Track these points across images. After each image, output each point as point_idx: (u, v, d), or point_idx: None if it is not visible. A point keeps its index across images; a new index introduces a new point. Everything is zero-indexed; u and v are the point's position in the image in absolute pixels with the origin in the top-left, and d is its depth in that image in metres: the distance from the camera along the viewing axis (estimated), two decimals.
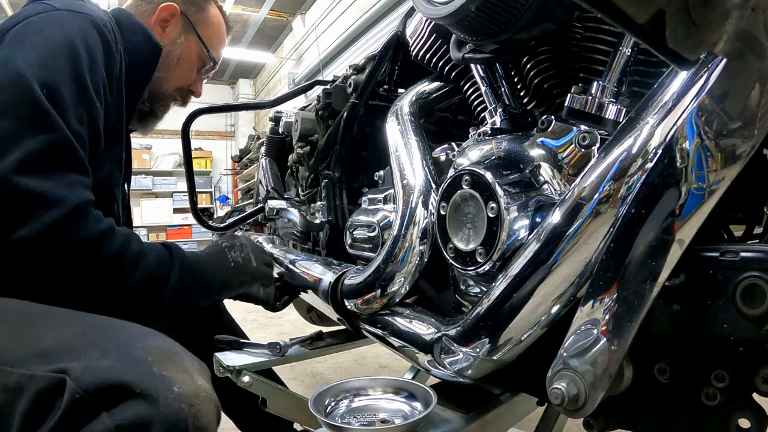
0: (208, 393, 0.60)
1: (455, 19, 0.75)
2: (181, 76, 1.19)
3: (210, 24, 1.22)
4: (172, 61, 1.16)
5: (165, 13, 1.14)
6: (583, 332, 0.59)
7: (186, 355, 0.62)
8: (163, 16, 1.14)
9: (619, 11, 0.47)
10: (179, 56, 1.17)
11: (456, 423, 0.90)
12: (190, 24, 1.17)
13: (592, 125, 0.72)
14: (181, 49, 1.17)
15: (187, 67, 1.19)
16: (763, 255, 0.52)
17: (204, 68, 1.24)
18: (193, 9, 1.19)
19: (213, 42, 1.22)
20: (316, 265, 1.24)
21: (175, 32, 1.16)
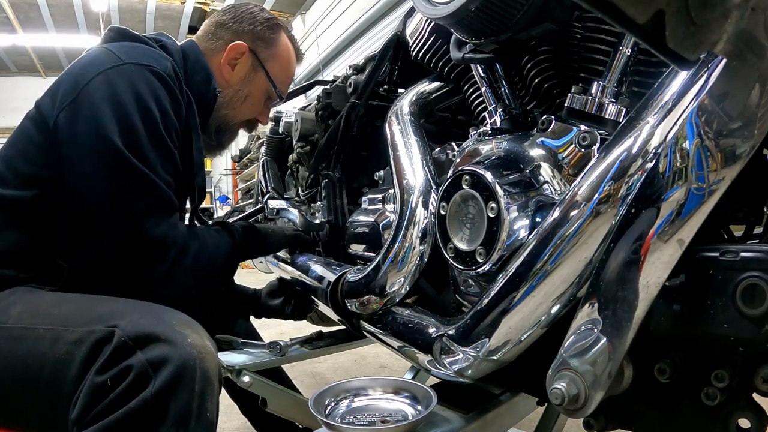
0: (213, 352, 0.79)
1: (455, 19, 0.75)
2: (248, 111, 1.23)
3: (279, 58, 1.23)
4: (239, 99, 1.20)
5: (234, 53, 1.17)
6: (583, 332, 0.59)
7: (200, 327, 0.82)
8: (232, 56, 1.17)
9: (619, 11, 0.47)
10: (247, 94, 1.20)
11: (456, 423, 0.90)
12: (258, 62, 1.19)
13: (592, 125, 0.72)
14: (250, 87, 1.20)
15: (255, 103, 1.23)
16: (763, 255, 0.52)
17: (271, 101, 1.26)
18: (262, 45, 1.20)
19: (282, 77, 1.24)
20: (315, 266, 1.24)
21: (244, 70, 1.18)
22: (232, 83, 1.18)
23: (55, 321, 0.80)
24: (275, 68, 1.22)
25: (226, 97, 1.18)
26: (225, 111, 1.19)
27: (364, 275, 0.99)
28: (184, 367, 0.73)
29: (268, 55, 1.20)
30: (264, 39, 1.20)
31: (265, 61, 1.20)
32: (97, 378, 0.72)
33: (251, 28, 1.19)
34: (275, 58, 1.21)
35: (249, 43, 1.17)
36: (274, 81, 1.21)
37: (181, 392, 0.72)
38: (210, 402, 0.76)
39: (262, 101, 1.24)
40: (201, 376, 0.74)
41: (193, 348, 0.75)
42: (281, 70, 1.24)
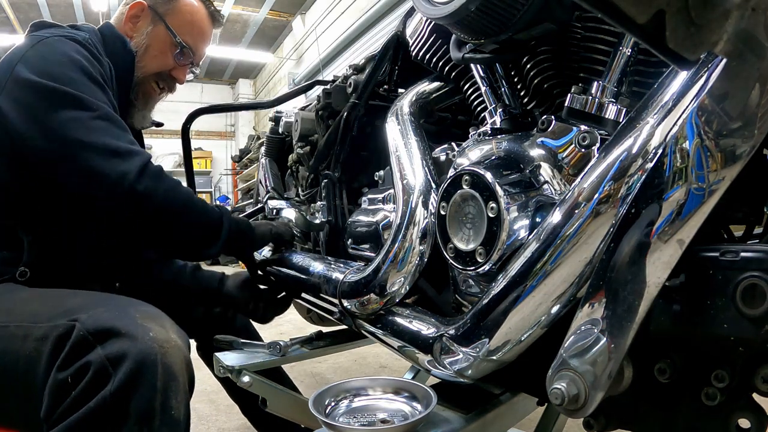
0: (179, 345, 0.77)
1: (455, 19, 0.75)
2: (150, 61, 1.26)
3: (179, 12, 1.28)
4: (142, 50, 1.25)
5: (133, 11, 1.25)
6: (583, 332, 0.59)
7: (167, 320, 0.81)
8: (133, 13, 1.25)
9: (619, 11, 0.47)
10: (148, 44, 1.25)
11: (456, 423, 0.90)
12: (157, 15, 1.25)
13: (592, 125, 0.72)
14: (148, 37, 1.25)
15: (156, 54, 1.26)
16: (763, 255, 0.52)
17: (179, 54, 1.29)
18: (160, 2, 1.26)
19: (184, 28, 1.28)
20: (315, 265, 1.24)
21: (144, 25, 1.25)
22: (133, 38, 1.25)
23: (25, 318, 0.80)
24: (176, 20, 1.27)
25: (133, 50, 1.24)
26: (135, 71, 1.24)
27: (364, 275, 0.99)
28: (143, 363, 0.71)
29: (168, 9, 1.27)
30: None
31: (164, 15, 1.26)
32: (58, 375, 0.71)
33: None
34: (175, 12, 1.27)
35: (148, 1, 1.25)
36: (174, 30, 1.26)
37: (142, 389, 0.70)
38: (175, 399, 0.73)
39: (166, 53, 1.27)
40: (163, 371, 0.72)
41: (154, 342, 0.73)
42: (183, 22, 1.28)
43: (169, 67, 1.29)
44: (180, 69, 1.31)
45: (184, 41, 1.28)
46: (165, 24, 1.25)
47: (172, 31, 1.25)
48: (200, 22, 1.32)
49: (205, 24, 1.33)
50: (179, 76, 1.32)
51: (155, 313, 0.81)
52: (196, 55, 1.32)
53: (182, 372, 0.75)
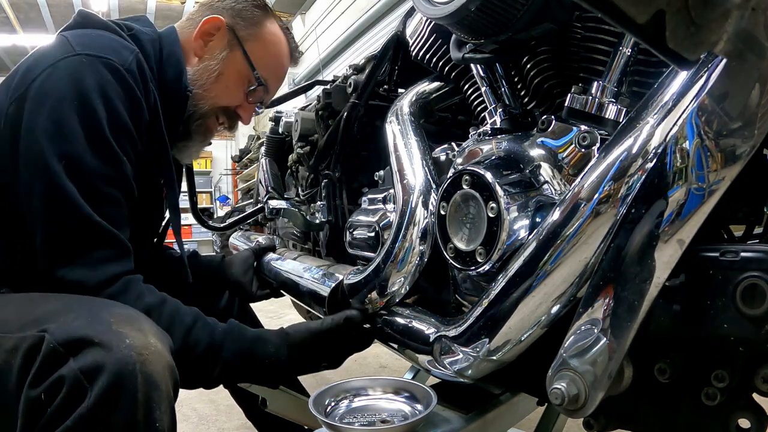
0: (159, 350, 0.71)
1: (455, 19, 0.75)
2: (221, 93, 1.07)
3: (262, 41, 1.09)
4: (210, 76, 1.05)
5: (208, 26, 1.05)
6: (583, 332, 0.59)
7: (147, 322, 0.75)
8: (206, 29, 1.05)
9: (619, 11, 0.47)
10: (219, 71, 1.05)
11: (456, 423, 0.90)
12: (236, 38, 1.06)
13: (592, 125, 0.72)
14: (222, 63, 1.05)
15: (229, 85, 1.07)
16: (763, 255, 0.52)
17: (252, 90, 1.10)
18: (242, 23, 1.07)
19: (264, 61, 1.09)
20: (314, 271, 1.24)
21: (219, 46, 1.06)
22: (203, 60, 1.05)
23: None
24: (257, 50, 1.08)
25: (195, 75, 1.04)
26: (194, 90, 1.04)
27: (364, 275, 0.99)
28: (121, 374, 0.65)
29: (249, 35, 1.07)
30: (245, 17, 1.07)
31: (244, 41, 1.06)
32: (31, 392, 0.65)
33: (233, 4, 1.08)
34: (257, 40, 1.08)
35: (228, 18, 1.06)
36: (253, 63, 1.07)
37: (122, 403, 0.65)
38: (159, 410, 0.68)
39: (239, 87, 1.09)
40: (143, 381, 0.66)
41: (131, 350, 0.67)
42: (265, 55, 1.09)
43: (237, 103, 1.10)
44: (248, 107, 1.12)
45: (261, 76, 1.09)
46: (244, 51, 1.06)
47: (250, 62, 1.07)
48: (282, 57, 1.14)
49: (285, 60, 1.15)
50: (245, 115, 1.13)
51: (131, 315, 0.74)
52: (268, 95, 1.14)
53: (165, 379, 0.70)
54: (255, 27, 1.08)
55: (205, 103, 1.06)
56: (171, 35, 1.05)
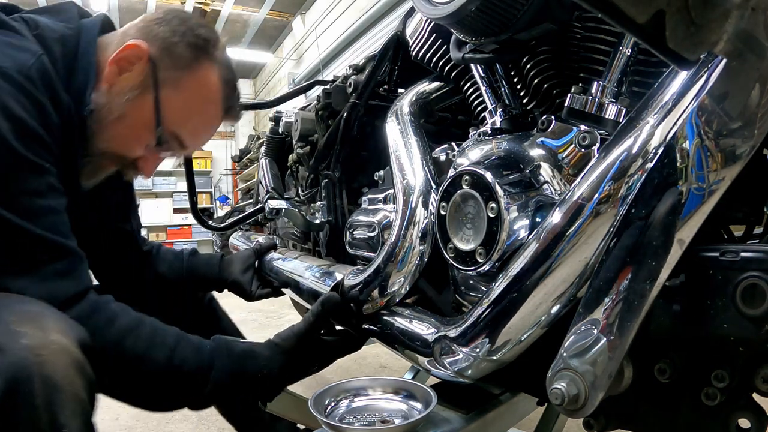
0: (62, 347, 0.63)
1: (455, 19, 0.75)
2: (116, 139, 0.88)
3: (185, 90, 0.88)
4: (107, 116, 0.86)
5: (129, 53, 0.85)
6: (583, 332, 0.59)
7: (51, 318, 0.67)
8: (126, 56, 0.85)
9: (619, 11, 0.47)
10: (122, 114, 0.86)
11: (456, 423, 0.90)
12: (153, 79, 0.86)
13: (592, 125, 0.72)
14: (127, 106, 0.86)
15: (128, 134, 0.88)
16: (763, 255, 0.52)
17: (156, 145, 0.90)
18: (168, 62, 0.87)
19: (180, 115, 0.89)
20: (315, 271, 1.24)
21: (131, 83, 0.86)
22: (111, 90, 0.86)
23: None
24: (174, 101, 0.88)
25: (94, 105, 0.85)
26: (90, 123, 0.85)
27: (365, 275, 0.99)
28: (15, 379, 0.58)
29: (171, 79, 0.87)
30: (174, 55, 0.87)
31: (162, 84, 0.86)
32: None
33: (167, 35, 0.87)
34: (179, 88, 0.88)
35: (154, 50, 0.86)
36: (161, 112, 0.86)
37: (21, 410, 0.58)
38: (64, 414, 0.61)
39: (140, 137, 0.89)
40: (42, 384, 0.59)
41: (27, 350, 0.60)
42: (183, 107, 0.89)
43: (135, 155, 0.91)
44: (150, 159, 0.93)
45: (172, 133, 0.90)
46: (156, 99, 0.86)
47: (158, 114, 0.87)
48: (207, 113, 0.93)
49: (213, 117, 0.94)
50: (146, 168, 0.93)
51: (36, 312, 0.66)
52: (183, 150, 0.94)
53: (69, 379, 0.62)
54: (182, 71, 0.88)
55: (99, 141, 0.87)
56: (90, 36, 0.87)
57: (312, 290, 1.20)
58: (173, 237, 9.80)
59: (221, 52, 0.92)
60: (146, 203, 9.95)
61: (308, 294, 1.23)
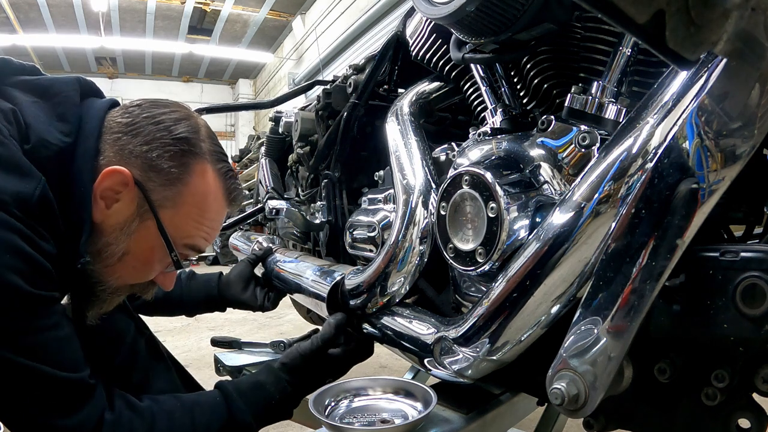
0: None
1: (455, 19, 0.75)
2: (127, 276, 0.82)
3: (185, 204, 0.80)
4: (111, 257, 0.78)
5: (111, 182, 0.75)
6: (583, 332, 0.59)
7: None
8: (110, 186, 0.76)
9: (619, 11, 0.47)
10: (125, 252, 0.79)
11: (456, 423, 0.90)
12: (148, 204, 0.77)
13: (592, 125, 0.72)
14: (129, 241, 0.78)
15: (139, 267, 0.82)
16: (763, 255, 0.52)
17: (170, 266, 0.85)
18: (156, 181, 0.78)
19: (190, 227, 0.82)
20: (315, 271, 1.24)
21: (125, 215, 0.78)
22: (103, 230, 0.77)
23: None
24: (177, 219, 0.80)
25: (92, 247, 0.77)
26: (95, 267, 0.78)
27: (365, 275, 0.99)
28: None
29: (166, 198, 0.79)
30: (162, 171, 0.78)
31: (160, 207, 0.78)
32: None
33: (145, 151, 0.77)
34: (178, 204, 0.80)
35: (138, 171, 0.77)
36: (170, 237, 0.80)
37: None
38: None
39: (152, 264, 0.83)
40: None
41: None
42: (190, 220, 0.82)
43: (151, 278, 0.86)
44: (168, 276, 0.89)
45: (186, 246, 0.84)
46: (159, 224, 0.79)
47: (168, 241, 0.80)
48: (215, 210, 0.85)
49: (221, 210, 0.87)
50: (167, 284, 0.89)
51: None
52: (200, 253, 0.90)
53: None
54: (174, 186, 0.79)
55: (107, 282, 0.81)
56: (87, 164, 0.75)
57: (315, 294, 1.20)
58: None
59: (206, 141, 0.83)
60: None
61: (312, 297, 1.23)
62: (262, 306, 1.28)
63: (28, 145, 0.71)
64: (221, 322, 3.56)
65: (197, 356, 2.69)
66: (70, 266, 0.75)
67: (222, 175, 0.85)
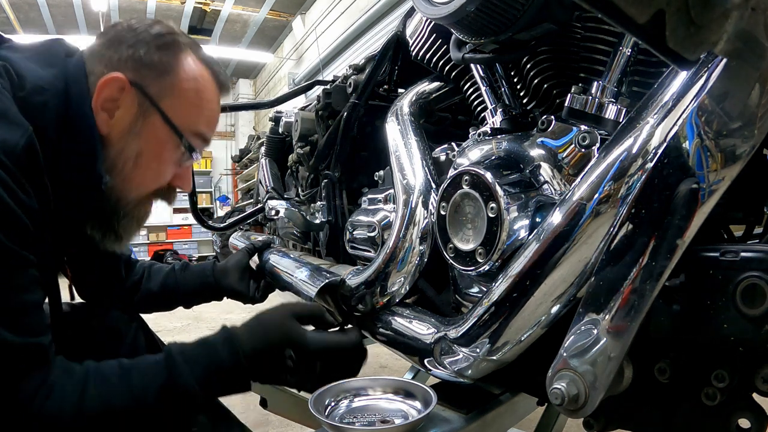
0: None
1: (455, 19, 0.75)
2: (147, 179, 0.85)
3: (180, 89, 0.83)
4: (127, 163, 0.81)
5: (108, 90, 0.78)
6: (583, 332, 0.59)
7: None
8: (107, 95, 0.78)
9: (619, 11, 0.47)
10: (138, 152, 0.81)
11: (456, 423, 0.89)
12: (147, 98, 0.80)
13: (592, 125, 0.72)
14: (140, 141, 0.81)
15: (154, 164, 0.84)
16: (763, 255, 0.52)
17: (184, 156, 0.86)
18: (150, 75, 0.81)
19: (189, 115, 0.84)
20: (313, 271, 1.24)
21: (129, 116, 0.80)
22: (113, 139, 0.80)
23: None
24: (178, 106, 0.83)
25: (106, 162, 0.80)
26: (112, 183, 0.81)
27: (365, 275, 0.99)
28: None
29: (163, 89, 0.82)
30: (152, 65, 0.81)
31: (159, 99, 0.81)
32: None
33: (130, 52, 0.81)
34: (175, 92, 0.83)
35: (130, 73, 0.80)
36: (176, 125, 0.82)
37: None
38: None
39: (167, 160, 0.85)
40: None
41: None
42: (188, 107, 0.84)
43: (169, 178, 0.88)
44: (184, 173, 0.89)
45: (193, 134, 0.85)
46: (162, 115, 0.81)
47: (174, 127, 0.82)
48: (210, 98, 0.88)
49: (215, 99, 0.89)
50: (185, 183, 0.90)
51: None
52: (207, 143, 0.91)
53: None
54: (168, 75, 0.82)
55: (127, 196, 0.83)
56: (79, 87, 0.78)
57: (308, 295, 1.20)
58: (173, 237, 9.80)
59: (182, 36, 0.87)
60: None
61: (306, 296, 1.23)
62: (253, 297, 1.26)
63: (22, 93, 0.73)
64: (221, 322, 3.55)
65: None
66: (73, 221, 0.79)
67: (206, 61, 0.88)
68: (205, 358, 0.77)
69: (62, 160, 0.76)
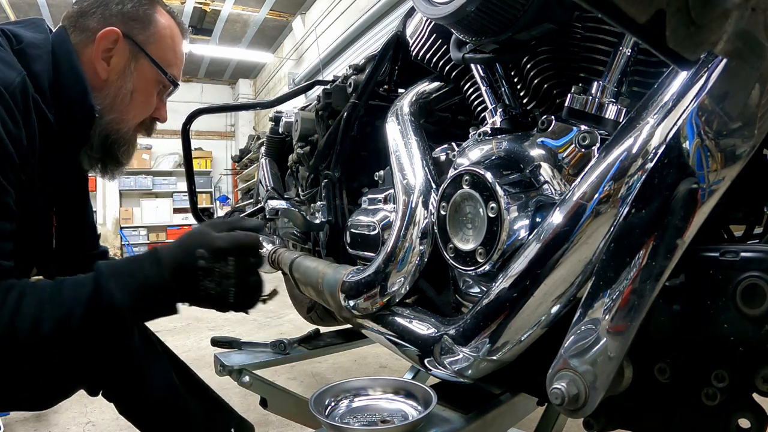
0: None
1: (455, 19, 0.75)
2: (140, 110, 1.05)
3: (161, 37, 1.03)
4: (125, 99, 1.00)
5: (105, 42, 0.97)
6: (583, 332, 0.59)
7: None
8: (104, 46, 0.97)
9: (619, 11, 0.47)
10: (133, 89, 1.01)
11: (456, 423, 0.90)
12: (137, 46, 1.00)
13: (592, 125, 0.72)
14: (133, 80, 1.01)
15: (145, 98, 1.04)
16: (763, 255, 0.52)
17: (165, 90, 1.08)
18: (138, 27, 1.01)
19: (167, 57, 1.05)
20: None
21: (122, 62, 0.99)
22: (111, 81, 0.99)
23: None
24: (159, 50, 1.03)
25: (107, 99, 0.99)
26: (110, 117, 1.00)
27: (365, 275, 0.99)
28: None
29: (148, 37, 1.01)
30: (138, 18, 1.01)
31: (145, 45, 1.01)
32: None
33: (119, 8, 1.00)
34: (157, 39, 1.03)
35: (121, 26, 0.98)
36: (161, 65, 1.03)
37: None
38: None
39: (153, 94, 1.05)
40: None
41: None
42: (167, 51, 1.05)
43: (153, 110, 1.08)
44: (162, 107, 1.10)
45: (173, 76, 1.06)
46: (150, 58, 1.01)
47: (160, 67, 1.02)
48: (179, 43, 1.09)
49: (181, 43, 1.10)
50: (162, 115, 1.11)
51: None
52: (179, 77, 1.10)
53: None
54: (150, 26, 1.02)
55: (125, 126, 1.02)
56: (63, 45, 0.95)
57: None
58: (173, 237, 9.79)
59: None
60: (146, 203, 9.96)
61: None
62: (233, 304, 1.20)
63: (19, 46, 0.89)
64: (221, 322, 3.56)
65: (197, 356, 2.69)
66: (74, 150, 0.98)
67: (170, 12, 1.08)
68: (128, 267, 0.83)
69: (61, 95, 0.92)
